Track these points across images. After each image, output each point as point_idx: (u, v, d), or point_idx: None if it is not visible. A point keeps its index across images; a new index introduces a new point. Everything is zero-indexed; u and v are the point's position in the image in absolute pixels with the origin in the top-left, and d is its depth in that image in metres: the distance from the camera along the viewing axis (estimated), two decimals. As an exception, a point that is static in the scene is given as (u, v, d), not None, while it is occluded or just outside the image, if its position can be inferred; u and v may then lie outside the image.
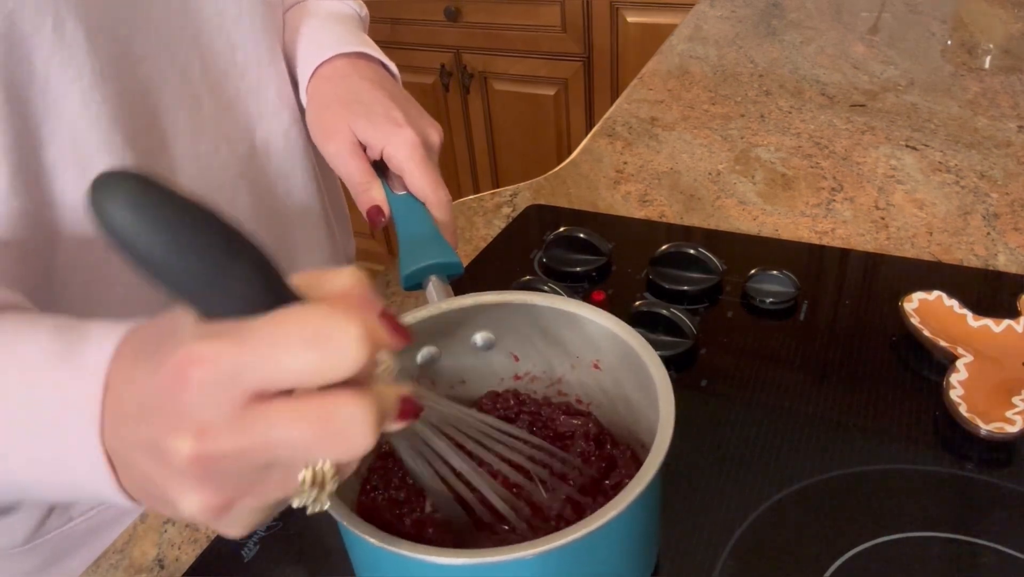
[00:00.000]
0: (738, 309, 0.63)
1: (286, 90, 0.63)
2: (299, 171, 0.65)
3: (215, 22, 0.57)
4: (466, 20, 1.84)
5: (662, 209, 0.77)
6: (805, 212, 0.75)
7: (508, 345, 0.48)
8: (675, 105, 0.97)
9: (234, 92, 0.59)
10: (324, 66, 0.61)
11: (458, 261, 0.52)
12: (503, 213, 0.79)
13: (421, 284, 0.51)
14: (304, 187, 0.66)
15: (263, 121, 0.62)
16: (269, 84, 0.61)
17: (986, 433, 0.48)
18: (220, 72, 0.58)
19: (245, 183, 0.61)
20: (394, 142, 0.55)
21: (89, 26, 0.48)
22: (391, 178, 0.58)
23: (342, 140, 0.57)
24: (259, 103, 0.61)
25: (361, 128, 0.56)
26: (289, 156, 0.64)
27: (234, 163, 0.60)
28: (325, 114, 0.59)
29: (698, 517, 0.47)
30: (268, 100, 0.61)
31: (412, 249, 0.52)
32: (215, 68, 0.57)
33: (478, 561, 0.34)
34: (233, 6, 0.57)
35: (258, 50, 0.60)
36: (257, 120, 0.61)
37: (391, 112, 0.56)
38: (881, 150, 0.84)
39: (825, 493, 0.48)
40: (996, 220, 0.72)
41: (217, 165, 0.58)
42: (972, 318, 0.57)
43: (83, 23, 0.47)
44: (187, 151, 0.56)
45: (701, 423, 0.53)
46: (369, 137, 0.56)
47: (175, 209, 0.25)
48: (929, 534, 0.45)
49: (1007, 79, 0.96)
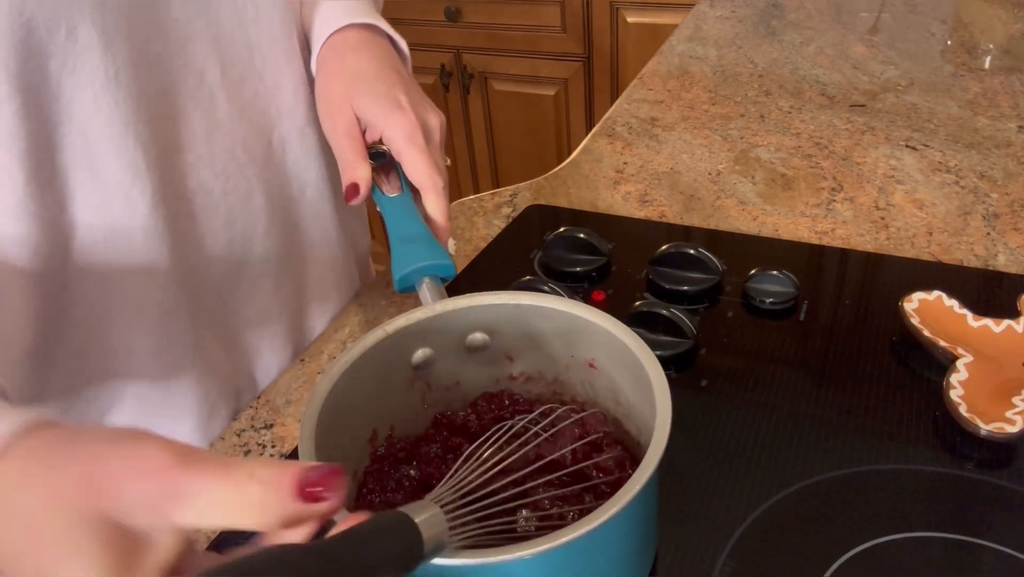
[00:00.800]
0: (738, 309, 0.62)
1: (303, 91, 0.63)
2: (313, 170, 0.65)
3: (233, 23, 0.56)
4: (466, 20, 1.84)
5: (662, 209, 0.77)
6: (805, 212, 0.75)
7: (503, 346, 0.48)
8: (675, 105, 0.97)
9: (252, 94, 0.59)
10: (335, 36, 0.61)
11: (451, 263, 0.52)
12: (503, 213, 0.79)
13: (414, 286, 0.51)
14: (317, 186, 0.66)
15: (280, 122, 0.62)
16: (286, 85, 0.61)
17: (986, 433, 0.48)
18: (237, 75, 0.58)
19: (260, 184, 0.60)
20: (392, 124, 0.55)
21: (105, 29, 0.47)
22: (385, 181, 0.58)
23: (340, 117, 0.57)
24: (276, 104, 0.61)
25: (362, 106, 0.56)
26: (304, 156, 0.64)
27: (250, 165, 0.60)
28: (331, 87, 0.59)
29: (698, 517, 0.47)
30: (285, 101, 0.61)
31: (404, 251, 0.52)
32: (232, 70, 0.57)
33: (477, 561, 0.34)
34: (251, 8, 0.57)
35: (275, 52, 0.60)
36: (275, 121, 0.61)
37: (394, 92, 0.56)
38: (881, 150, 0.84)
39: (825, 493, 0.48)
40: (996, 220, 0.71)
41: (233, 168, 0.58)
42: (972, 318, 0.57)
43: (98, 26, 0.47)
44: (202, 153, 0.56)
45: (701, 423, 0.53)
46: (369, 116, 0.56)
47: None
48: (929, 534, 0.45)
49: (1007, 79, 0.96)
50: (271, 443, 0.57)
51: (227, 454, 0.56)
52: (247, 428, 0.58)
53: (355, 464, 0.45)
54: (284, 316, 0.66)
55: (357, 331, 0.66)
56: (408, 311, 0.46)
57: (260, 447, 0.56)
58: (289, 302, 0.66)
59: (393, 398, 0.47)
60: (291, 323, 0.67)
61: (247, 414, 0.59)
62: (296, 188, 0.65)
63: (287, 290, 0.66)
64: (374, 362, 0.44)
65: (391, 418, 0.47)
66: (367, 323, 0.67)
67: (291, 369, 0.63)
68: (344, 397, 0.42)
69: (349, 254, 0.73)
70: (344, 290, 0.72)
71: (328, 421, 0.41)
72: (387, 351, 0.45)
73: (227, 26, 0.56)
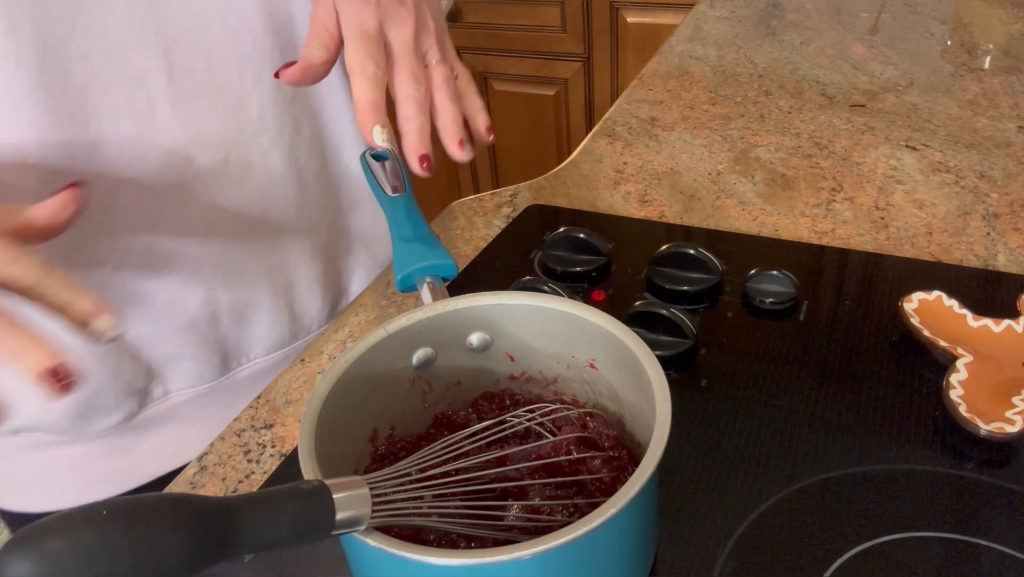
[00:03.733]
0: (738, 309, 0.62)
1: (272, 114, 0.62)
2: (274, 197, 0.64)
3: (192, 37, 0.56)
4: (466, 20, 1.84)
5: (662, 209, 0.77)
6: (805, 212, 0.75)
7: (503, 346, 0.48)
8: (675, 105, 0.97)
9: (207, 109, 0.58)
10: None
11: (452, 263, 0.52)
12: (503, 213, 0.79)
13: (415, 286, 0.51)
14: (279, 214, 0.65)
15: (239, 142, 0.61)
16: (252, 106, 0.60)
17: (986, 433, 0.48)
18: (189, 88, 0.57)
19: (201, 202, 0.59)
20: (348, 14, 0.51)
21: (11, 21, 0.48)
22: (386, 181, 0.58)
23: (320, 6, 0.53)
24: (238, 122, 0.60)
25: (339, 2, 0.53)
26: (266, 180, 0.63)
27: (195, 181, 0.59)
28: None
29: (697, 517, 0.47)
30: (248, 121, 0.60)
31: (405, 251, 0.52)
32: (183, 82, 0.57)
33: (476, 561, 0.34)
34: (218, 25, 0.57)
35: (243, 72, 0.59)
36: (234, 140, 0.60)
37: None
38: (881, 150, 0.84)
39: (825, 493, 0.48)
40: (996, 220, 0.71)
41: (167, 180, 0.57)
42: (972, 318, 0.57)
43: (5, 17, 0.48)
44: (125, 160, 0.56)
45: (701, 423, 0.53)
46: (339, 5, 0.52)
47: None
48: (929, 534, 0.45)
49: (1007, 79, 0.96)
50: (271, 443, 0.57)
51: (227, 455, 0.56)
52: (247, 428, 0.58)
53: (355, 464, 0.45)
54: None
55: (357, 331, 0.66)
56: (409, 311, 0.46)
57: (260, 447, 0.56)
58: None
59: (393, 398, 0.47)
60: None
61: (247, 413, 0.60)
62: (259, 208, 0.64)
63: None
64: (374, 362, 0.45)
65: (392, 418, 0.47)
66: (367, 323, 0.67)
67: (291, 369, 0.63)
68: (344, 397, 0.43)
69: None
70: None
71: (328, 421, 0.41)
72: (387, 351, 0.45)
73: (185, 39, 0.56)
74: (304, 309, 0.72)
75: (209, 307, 0.64)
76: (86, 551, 0.27)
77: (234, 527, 0.31)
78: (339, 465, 0.42)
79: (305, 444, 0.39)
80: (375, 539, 0.34)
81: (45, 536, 0.27)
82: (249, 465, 0.55)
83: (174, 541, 0.29)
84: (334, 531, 0.34)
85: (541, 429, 0.45)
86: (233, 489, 0.54)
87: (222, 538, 0.30)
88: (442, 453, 0.40)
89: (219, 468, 0.55)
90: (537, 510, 0.41)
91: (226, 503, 0.31)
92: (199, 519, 0.30)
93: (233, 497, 0.32)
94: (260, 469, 0.55)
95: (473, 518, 0.39)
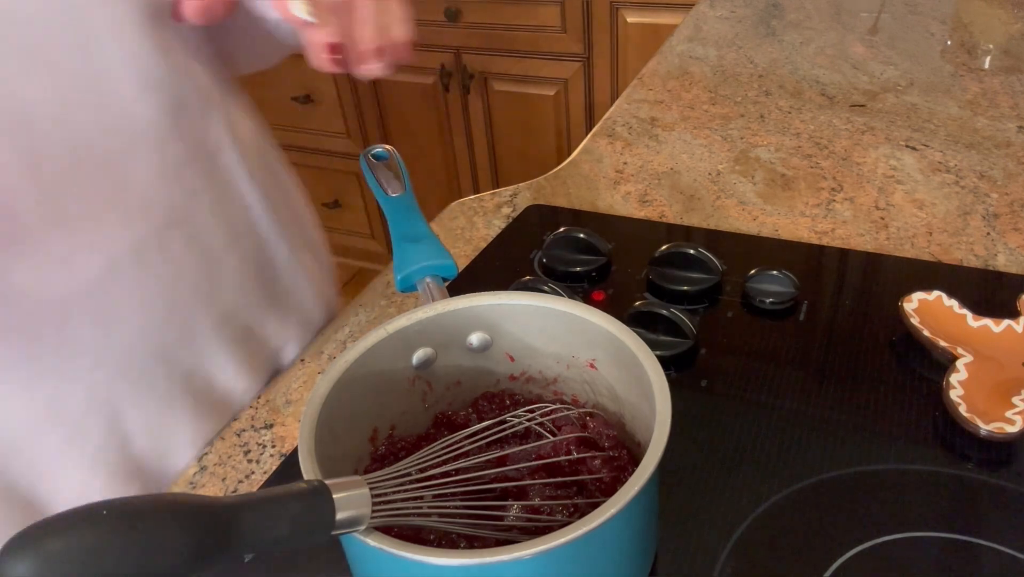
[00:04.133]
0: (738, 309, 0.62)
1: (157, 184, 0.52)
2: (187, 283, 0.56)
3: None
4: (466, 20, 1.83)
5: (662, 209, 0.77)
6: (805, 212, 0.75)
7: (503, 346, 0.48)
8: (675, 105, 0.97)
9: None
10: None
11: (452, 263, 0.52)
12: (503, 213, 0.79)
13: (415, 285, 0.51)
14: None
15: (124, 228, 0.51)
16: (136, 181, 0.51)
17: (986, 433, 0.48)
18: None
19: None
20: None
21: None
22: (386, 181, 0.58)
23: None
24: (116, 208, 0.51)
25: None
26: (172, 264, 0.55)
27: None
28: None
29: (698, 517, 0.47)
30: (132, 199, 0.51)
31: (406, 251, 0.52)
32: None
33: (476, 561, 0.34)
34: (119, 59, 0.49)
35: (133, 126, 0.51)
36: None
37: None
38: (881, 150, 0.84)
39: (825, 493, 0.48)
40: (996, 220, 0.71)
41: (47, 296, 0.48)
42: (972, 318, 0.57)
43: None
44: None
45: (701, 423, 0.53)
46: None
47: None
48: (929, 534, 0.45)
49: (1007, 79, 0.96)
50: (271, 443, 0.57)
51: (227, 455, 0.56)
52: (247, 428, 0.58)
53: (355, 464, 0.45)
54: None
55: (357, 331, 0.66)
56: (409, 311, 0.46)
57: (260, 447, 0.56)
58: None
59: (394, 398, 0.47)
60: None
61: (247, 414, 0.60)
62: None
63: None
64: (374, 362, 0.45)
65: (392, 418, 0.47)
66: (367, 323, 0.67)
67: (291, 369, 0.63)
68: (344, 397, 0.43)
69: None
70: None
71: (328, 421, 0.41)
72: (387, 351, 0.45)
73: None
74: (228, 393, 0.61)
75: (116, 432, 0.55)
76: (86, 551, 0.27)
77: (234, 527, 0.31)
78: (339, 465, 0.42)
79: (305, 444, 0.39)
80: (375, 539, 0.34)
81: (45, 536, 0.27)
82: (249, 465, 0.55)
83: (174, 541, 0.29)
84: (334, 531, 0.34)
85: (541, 429, 0.45)
86: (233, 489, 0.54)
87: (222, 538, 0.30)
88: (442, 453, 0.40)
89: (219, 468, 0.55)
90: (537, 510, 0.41)
91: (226, 503, 0.31)
92: (199, 519, 0.30)
93: (233, 497, 0.32)
94: (260, 469, 0.55)
95: (473, 518, 0.39)
